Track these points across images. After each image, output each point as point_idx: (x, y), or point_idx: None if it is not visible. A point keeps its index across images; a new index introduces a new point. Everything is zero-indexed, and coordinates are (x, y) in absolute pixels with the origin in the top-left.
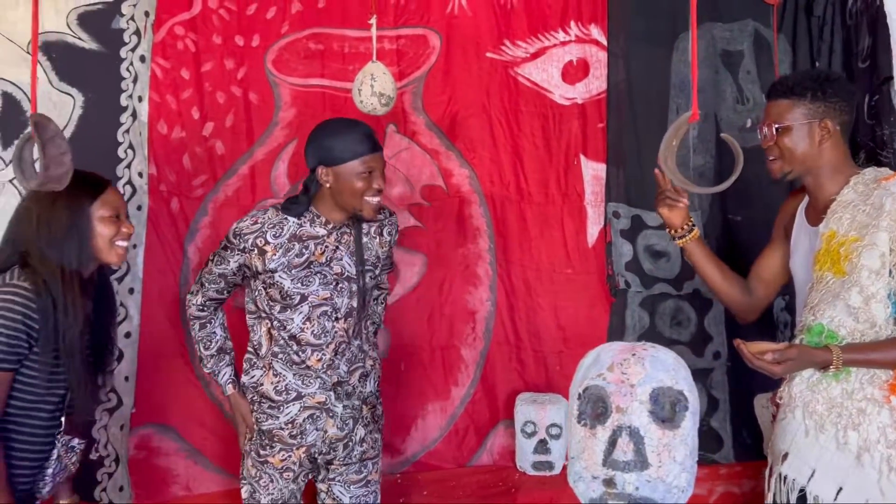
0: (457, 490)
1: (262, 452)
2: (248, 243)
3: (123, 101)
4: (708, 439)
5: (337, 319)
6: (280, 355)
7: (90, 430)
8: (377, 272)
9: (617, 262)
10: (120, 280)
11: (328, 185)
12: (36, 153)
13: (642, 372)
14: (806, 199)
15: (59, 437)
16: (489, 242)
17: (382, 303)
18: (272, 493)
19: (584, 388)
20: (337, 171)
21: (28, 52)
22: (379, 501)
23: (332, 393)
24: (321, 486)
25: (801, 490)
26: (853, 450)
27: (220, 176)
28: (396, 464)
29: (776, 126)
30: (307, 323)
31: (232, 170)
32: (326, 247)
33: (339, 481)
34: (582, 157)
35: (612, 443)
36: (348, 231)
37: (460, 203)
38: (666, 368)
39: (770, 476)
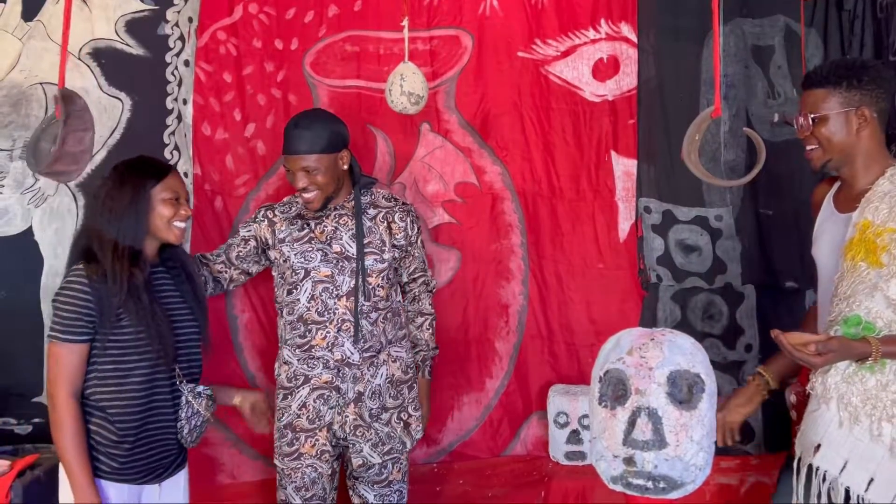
0: (492, 479)
1: (289, 449)
2: (260, 215)
3: (169, 104)
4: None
5: (338, 297)
6: (289, 341)
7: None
8: (384, 256)
9: (648, 256)
10: None
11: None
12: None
13: (660, 356)
14: (835, 186)
15: (181, 385)
16: (521, 238)
17: (425, 294)
18: (295, 481)
19: (604, 371)
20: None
21: (79, 59)
22: (405, 499)
23: (335, 371)
24: (349, 483)
25: (832, 482)
26: (886, 441)
27: (261, 175)
28: (433, 453)
29: (812, 116)
30: (311, 301)
31: (273, 169)
32: (325, 226)
33: (362, 481)
34: (613, 154)
35: (632, 423)
36: (348, 213)
37: (493, 200)
38: (683, 352)
39: (799, 467)
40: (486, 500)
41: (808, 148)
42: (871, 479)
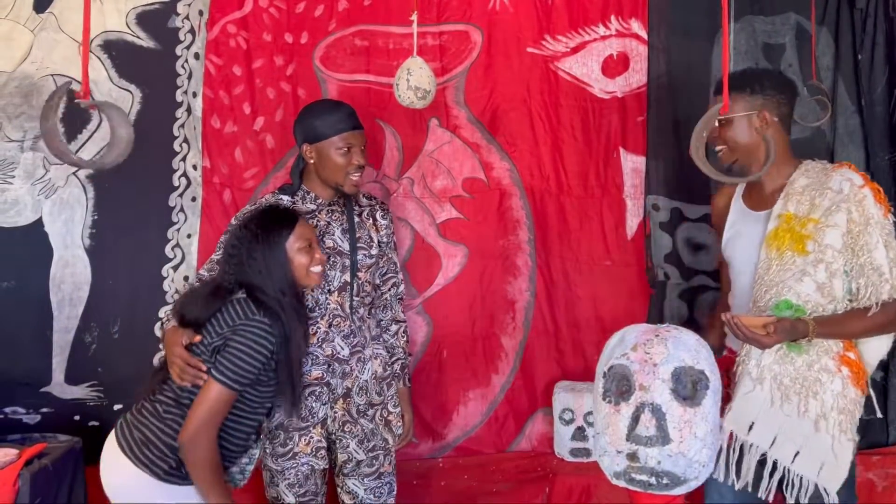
0: (496, 474)
1: (282, 450)
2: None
3: (179, 96)
4: None
5: (330, 292)
6: None
7: None
8: (372, 252)
9: (656, 254)
10: (175, 268)
11: (312, 161)
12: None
13: (665, 352)
14: (739, 190)
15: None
16: (529, 234)
17: (396, 301)
18: (288, 479)
19: (609, 366)
20: (318, 148)
21: (90, 51)
22: (394, 491)
23: (325, 367)
24: (338, 481)
25: (762, 455)
26: (812, 417)
27: (270, 168)
28: (439, 448)
29: (718, 119)
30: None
31: (281, 162)
32: (318, 221)
33: (352, 475)
34: (621, 151)
35: (636, 419)
36: (339, 210)
37: (501, 195)
38: (688, 349)
39: (729, 444)
40: (490, 496)
41: (717, 149)
42: (797, 452)
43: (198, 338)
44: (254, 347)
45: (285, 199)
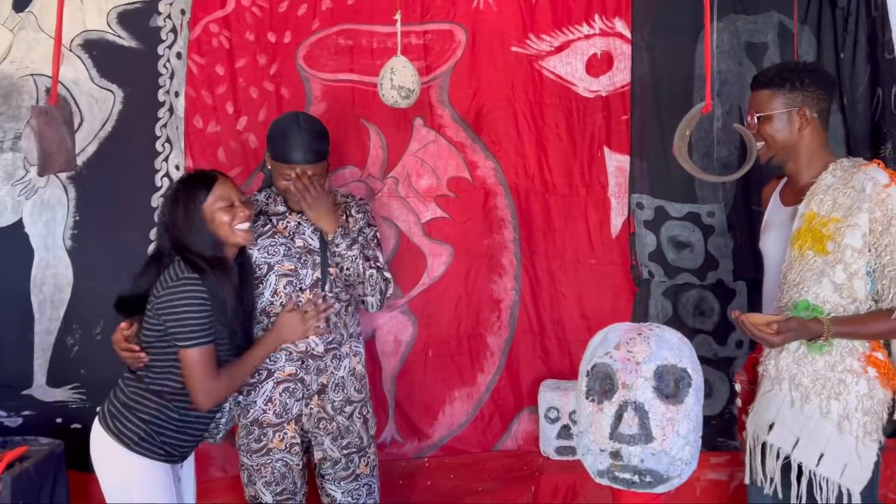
0: (482, 474)
1: (257, 445)
2: None
3: (161, 96)
4: (730, 426)
5: (302, 290)
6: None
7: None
8: (343, 248)
9: (640, 252)
10: None
11: (269, 168)
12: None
13: (647, 350)
14: (782, 183)
15: None
16: (514, 233)
17: (375, 269)
18: (265, 476)
19: (591, 365)
20: (272, 163)
21: (70, 50)
22: (375, 493)
23: (299, 363)
24: (318, 482)
25: (786, 458)
26: (834, 418)
27: (253, 168)
28: (424, 448)
29: (758, 115)
30: (275, 296)
31: (264, 162)
32: (289, 222)
33: (329, 479)
34: (606, 149)
35: (619, 417)
36: None
37: (486, 195)
38: (670, 347)
39: (754, 445)
40: (476, 495)
41: (758, 144)
42: (822, 455)
43: (123, 325)
44: (193, 301)
45: (261, 199)
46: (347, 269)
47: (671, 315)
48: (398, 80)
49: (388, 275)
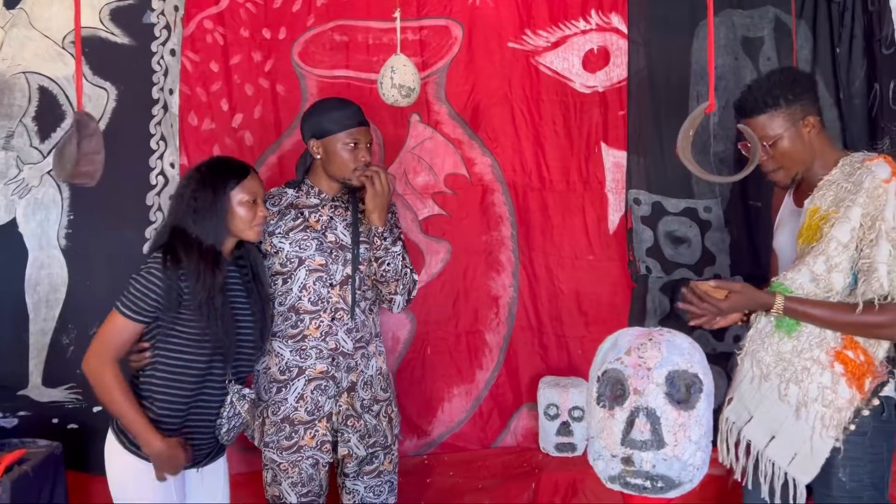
0: (482, 470)
1: (287, 443)
2: None
3: (155, 93)
4: None
5: (332, 286)
6: (278, 333)
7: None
8: (371, 244)
9: (638, 248)
10: None
11: (319, 157)
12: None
13: (658, 356)
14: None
15: (229, 385)
16: (512, 230)
17: (400, 257)
18: (292, 477)
19: (602, 371)
20: (325, 143)
21: (63, 48)
22: (395, 490)
23: (329, 360)
24: (339, 481)
25: (739, 433)
26: (792, 402)
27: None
28: (423, 445)
29: (766, 143)
30: (304, 291)
31: (261, 160)
32: (321, 216)
33: (351, 476)
34: (603, 145)
35: (630, 423)
36: (342, 205)
37: (483, 191)
38: (681, 352)
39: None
40: (476, 492)
41: (770, 170)
42: (773, 437)
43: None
44: (146, 278)
45: (290, 193)
46: (388, 264)
47: (669, 310)
48: (399, 78)
49: (415, 276)
